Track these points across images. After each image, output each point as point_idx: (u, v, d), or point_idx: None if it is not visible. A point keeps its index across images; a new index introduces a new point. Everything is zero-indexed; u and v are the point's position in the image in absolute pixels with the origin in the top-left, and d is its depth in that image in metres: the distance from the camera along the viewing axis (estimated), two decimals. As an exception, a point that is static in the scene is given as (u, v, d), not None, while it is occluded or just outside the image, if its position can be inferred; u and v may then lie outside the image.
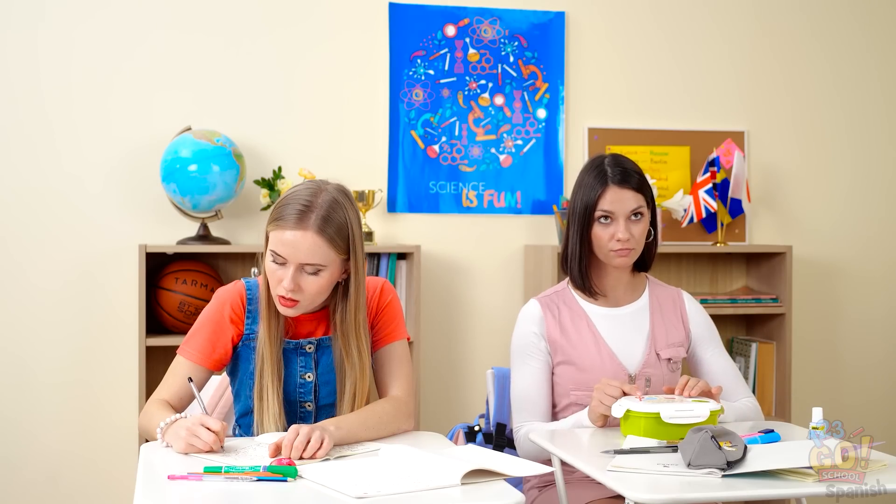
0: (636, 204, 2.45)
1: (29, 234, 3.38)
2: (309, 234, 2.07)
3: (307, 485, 1.78)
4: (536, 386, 2.48)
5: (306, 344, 2.24)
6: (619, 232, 2.44)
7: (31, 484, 3.38)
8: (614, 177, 2.46)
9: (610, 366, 2.46)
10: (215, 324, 2.23)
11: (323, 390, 2.25)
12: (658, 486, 1.81)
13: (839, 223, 4.00)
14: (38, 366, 3.39)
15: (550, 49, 3.74)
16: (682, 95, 3.87)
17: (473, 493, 1.73)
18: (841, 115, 4.00)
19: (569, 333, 2.49)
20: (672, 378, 2.50)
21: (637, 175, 2.48)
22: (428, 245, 3.64)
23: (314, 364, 2.24)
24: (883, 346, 4.05)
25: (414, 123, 3.64)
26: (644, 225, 2.47)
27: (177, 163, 3.25)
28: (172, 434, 2.01)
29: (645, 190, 2.48)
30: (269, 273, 2.12)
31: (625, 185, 2.45)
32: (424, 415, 3.56)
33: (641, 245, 2.48)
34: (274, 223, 2.11)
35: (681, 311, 2.57)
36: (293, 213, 2.08)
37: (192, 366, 2.22)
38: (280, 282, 2.10)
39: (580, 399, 2.46)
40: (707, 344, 2.56)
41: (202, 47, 3.50)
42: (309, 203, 2.09)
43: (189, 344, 2.24)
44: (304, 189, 2.13)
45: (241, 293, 2.25)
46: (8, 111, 3.37)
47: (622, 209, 2.44)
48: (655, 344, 2.49)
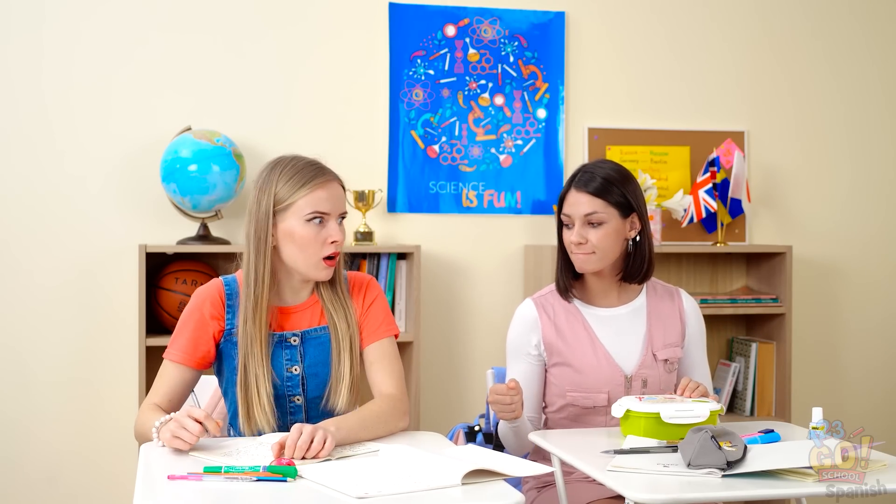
0: (590, 209, 2.43)
1: (29, 234, 3.38)
2: (337, 182, 2.24)
3: (307, 485, 1.78)
4: (527, 382, 2.49)
5: (290, 336, 2.24)
6: (572, 235, 2.45)
7: (30, 484, 3.38)
8: (577, 181, 2.47)
9: (606, 367, 2.45)
10: (195, 322, 2.24)
11: (311, 383, 2.25)
12: (658, 486, 1.81)
13: (839, 223, 4.00)
14: (37, 365, 3.39)
15: (550, 49, 3.74)
16: (682, 95, 3.87)
17: (473, 493, 1.73)
18: (841, 115, 4.00)
19: (564, 335, 2.49)
20: (669, 379, 2.50)
21: (602, 180, 2.44)
22: (428, 245, 3.64)
23: (300, 357, 2.25)
24: (883, 346, 4.05)
25: (414, 123, 3.64)
26: (604, 232, 2.43)
27: (177, 163, 3.26)
28: (166, 433, 2.01)
29: (610, 196, 2.43)
30: (310, 240, 2.18)
31: (582, 190, 2.45)
32: (424, 415, 3.56)
33: (607, 251, 2.44)
34: (303, 188, 2.18)
35: (679, 308, 2.56)
36: (316, 171, 2.20)
37: (178, 367, 2.23)
38: (326, 240, 2.19)
39: (576, 400, 2.46)
40: (695, 346, 2.57)
41: (202, 47, 3.50)
42: (315, 160, 2.22)
43: (173, 346, 2.25)
44: (295, 156, 2.24)
45: (219, 289, 2.26)
46: (9, 111, 3.37)
47: (576, 213, 2.45)
48: (652, 345, 2.49)
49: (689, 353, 2.56)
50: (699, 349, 2.58)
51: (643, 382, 2.46)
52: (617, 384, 2.45)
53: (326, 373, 2.25)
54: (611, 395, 2.44)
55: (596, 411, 2.46)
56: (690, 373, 2.56)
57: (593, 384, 2.45)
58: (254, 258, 2.19)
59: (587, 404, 2.46)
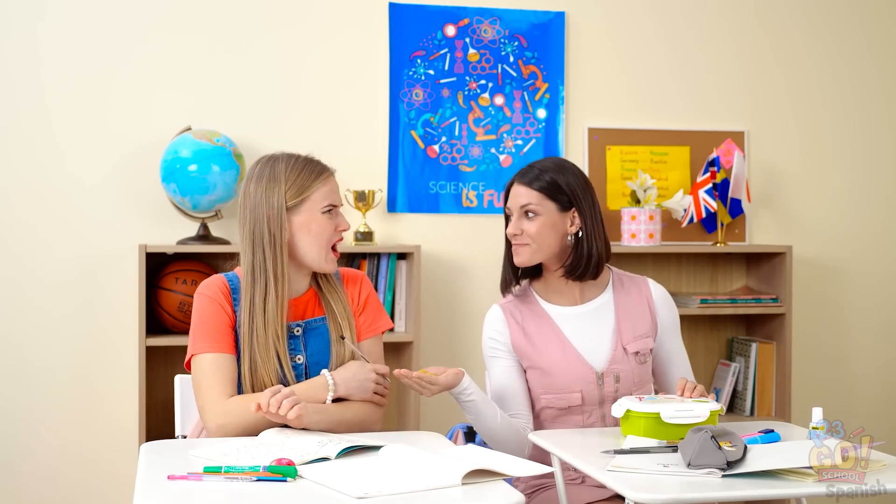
0: (526, 200, 2.44)
1: (29, 234, 3.38)
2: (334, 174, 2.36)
3: (307, 485, 1.78)
4: (510, 381, 2.49)
5: (294, 327, 2.29)
6: (509, 226, 2.48)
7: (30, 484, 3.38)
8: (518, 174, 2.50)
9: (577, 366, 2.45)
10: (215, 312, 2.26)
11: (314, 371, 2.29)
12: (658, 486, 1.81)
13: (839, 223, 4.00)
14: (38, 365, 3.38)
15: (550, 49, 3.74)
16: (683, 95, 3.87)
17: (473, 493, 1.73)
18: (841, 115, 4.00)
19: (533, 338, 2.49)
20: (642, 371, 2.49)
21: (540, 172, 2.46)
22: (428, 245, 3.64)
23: (303, 346, 2.29)
24: (883, 346, 4.05)
25: (414, 123, 3.64)
26: (539, 223, 2.43)
27: (177, 163, 3.26)
28: (356, 385, 2.23)
29: (547, 190, 2.43)
30: (325, 230, 2.27)
31: (520, 182, 2.48)
32: (424, 415, 3.56)
33: (542, 244, 2.44)
34: (315, 183, 2.28)
35: (647, 299, 2.54)
36: (320, 165, 2.32)
37: (218, 356, 2.23)
38: (337, 228, 2.30)
39: (551, 402, 2.46)
40: (669, 334, 2.55)
41: (202, 47, 3.50)
42: (310, 156, 2.33)
43: (201, 341, 2.24)
44: (287, 153, 2.33)
45: (224, 282, 2.31)
46: (8, 111, 3.37)
47: (514, 205, 2.48)
48: (622, 338, 2.47)
49: (663, 342, 2.54)
50: (673, 337, 2.56)
51: (616, 378, 2.45)
52: (589, 382, 2.44)
53: (326, 362, 2.30)
54: (584, 394, 2.44)
55: (571, 411, 2.46)
56: (667, 362, 2.54)
57: (566, 384, 2.44)
58: (269, 255, 2.24)
59: (562, 405, 2.45)
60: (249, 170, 2.34)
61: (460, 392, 2.36)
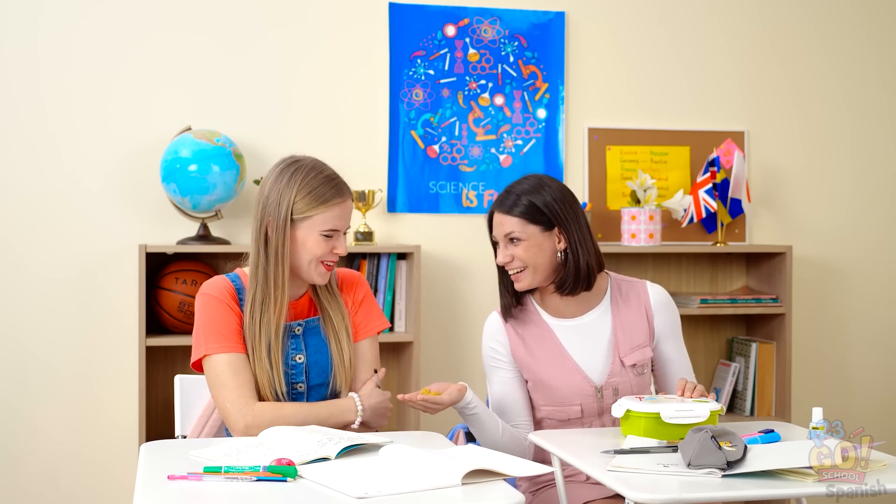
0: (509, 228, 2.42)
1: (29, 234, 3.38)
2: (351, 199, 2.33)
3: (307, 485, 1.78)
4: (511, 392, 2.48)
5: (295, 326, 2.31)
6: (499, 256, 2.47)
7: (31, 484, 3.38)
8: (496, 202, 2.47)
9: (577, 380, 2.44)
10: (224, 312, 2.27)
11: (313, 370, 2.31)
12: (658, 486, 1.81)
13: (840, 223, 4.00)
14: (38, 365, 3.38)
15: (550, 49, 3.74)
16: (683, 95, 3.87)
17: (473, 493, 1.73)
18: (842, 115, 4.00)
19: (533, 350, 2.48)
20: (640, 383, 2.48)
21: (517, 197, 2.43)
22: (428, 245, 3.64)
23: (303, 346, 2.31)
24: (883, 346, 4.05)
25: (414, 123, 3.64)
26: (525, 246, 2.41)
27: (177, 163, 3.26)
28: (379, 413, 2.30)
29: (527, 215, 2.41)
30: (318, 250, 2.25)
31: (499, 210, 2.45)
32: (424, 415, 3.55)
33: (537, 265, 2.42)
34: (322, 206, 2.25)
35: (645, 305, 2.51)
36: (335, 189, 2.27)
37: (233, 356, 2.24)
38: (331, 250, 2.28)
39: (551, 413, 2.46)
40: (667, 339, 2.52)
41: (202, 47, 3.50)
42: (334, 174, 2.30)
43: (213, 341, 2.25)
44: (314, 163, 2.30)
45: (229, 283, 2.32)
46: (8, 111, 3.37)
47: (498, 234, 2.47)
48: (619, 351, 2.46)
49: (661, 347, 2.51)
50: (672, 341, 2.52)
51: (614, 391, 2.44)
52: (588, 395, 2.44)
53: (325, 361, 2.32)
54: (584, 407, 2.44)
55: (571, 423, 2.46)
56: (668, 367, 2.52)
57: (565, 397, 2.44)
58: (272, 258, 2.25)
59: (562, 417, 2.45)
60: (274, 166, 2.33)
61: (464, 406, 2.37)
